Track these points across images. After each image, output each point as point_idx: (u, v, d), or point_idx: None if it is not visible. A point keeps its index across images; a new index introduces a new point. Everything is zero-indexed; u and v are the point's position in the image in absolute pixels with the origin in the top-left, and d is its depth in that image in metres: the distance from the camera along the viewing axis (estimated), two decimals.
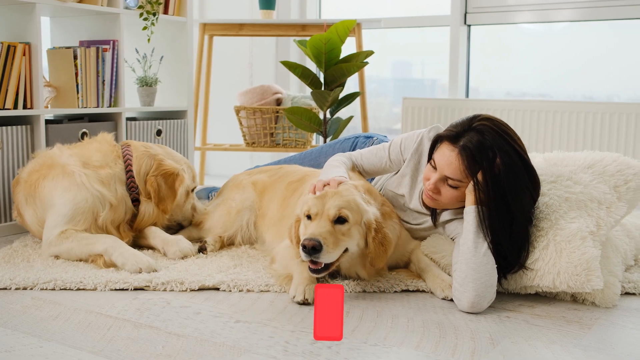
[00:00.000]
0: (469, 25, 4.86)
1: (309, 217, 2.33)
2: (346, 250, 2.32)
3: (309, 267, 2.27)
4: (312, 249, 2.20)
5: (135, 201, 2.93)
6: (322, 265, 2.25)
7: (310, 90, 4.16)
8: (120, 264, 2.53)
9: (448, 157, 2.35)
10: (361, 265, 2.42)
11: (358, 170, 2.79)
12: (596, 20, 4.43)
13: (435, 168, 2.41)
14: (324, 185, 2.41)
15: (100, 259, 2.59)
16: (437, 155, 2.41)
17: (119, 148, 2.99)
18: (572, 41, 4.68)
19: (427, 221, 2.64)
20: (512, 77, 5.00)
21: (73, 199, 2.76)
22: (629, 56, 4.49)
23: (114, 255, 2.55)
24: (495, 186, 2.25)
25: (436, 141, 2.44)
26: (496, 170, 2.26)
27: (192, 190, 3.10)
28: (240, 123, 4.61)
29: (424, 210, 2.63)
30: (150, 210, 2.92)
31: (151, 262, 2.53)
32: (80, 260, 2.66)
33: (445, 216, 2.58)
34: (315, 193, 2.37)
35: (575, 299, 2.32)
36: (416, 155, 2.64)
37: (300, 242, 2.25)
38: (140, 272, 2.47)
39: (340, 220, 2.29)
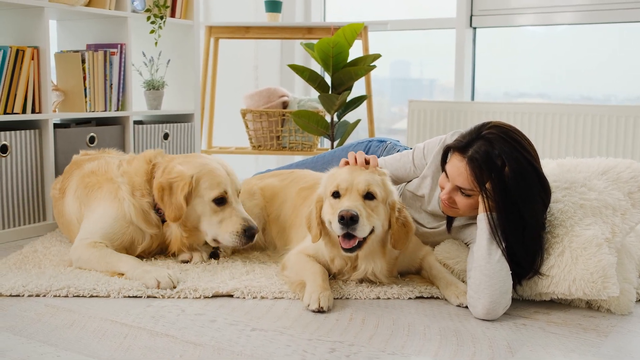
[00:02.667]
0: (475, 28, 4.85)
1: (335, 195, 2.38)
2: (372, 231, 2.35)
3: (342, 246, 2.32)
4: (350, 219, 2.25)
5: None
6: (356, 243, 2.31)
7: (316, 93, 4.15)
8: (141, 279, 2.46)
9: (458, 168, 2.36)
10: (381, 254, 2.44)
11: None
12: (597, 23, 4.44)
13: (448, 178, 2.42)
14: (354, 158, 2.51)
15: (119, 275, 2.54)
16: (448, 166, 2.42)
17: (151, 169, 2.86)
18: (572, 43, 4.68)
19: (443, 225, 2.64)
20: (512, 78, 5.00)
21: (115, 222, 2.75)
22: (628, 58, 4.50)
23: (135, 274, 2.48)
24: (504, 194, 2.24)
25: (447, 151, 2.44)
26: (505, 179, 2.24)
27: (217, 200, 2.71)
28: (247, 126, 4.60)
29: (441, 213, 2.62)
30: (173, 232, 2.79)
31: (173, 277, 2.43)
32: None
33: (459, 221, 2.58)
34: (347, 164, 2.49)
35: (590, 306, 2.31)
36: (438, 157, 2.65)
37: (338, 214, 2.28)
38: (158, 287, 2.39)
39: (369, 196, 2.36)
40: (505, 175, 2.24)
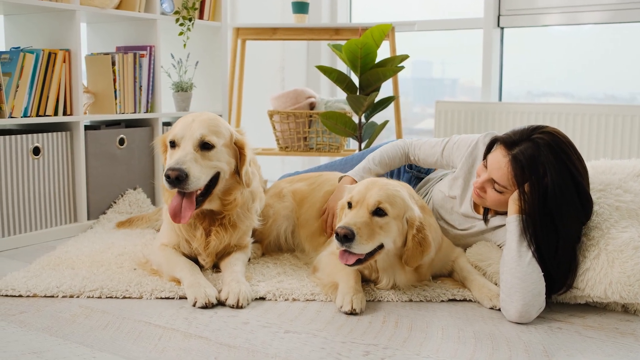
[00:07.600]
0: (502, 28, 4.81)
1: (350, 205, 2.35)
2: (382, 246, 2.30)
3: (339, 258, 2.27)
4: (344, 237, 2.20)
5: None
6: (355, 260, 2.25)
7: (343, 94, 4.13)
8: (186, 292, 2.35)
9: (499, 162, 2.35)
10: (400, 267, 2.40)
11: (412, 158, 2.85)
12: (624, 22, 4.38)
13: (486, 168, 2.42)
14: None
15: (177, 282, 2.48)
16: (490, 157, 2.42)
17: None
18: (597, 42, 4.62)
19: (474, 226, 2.62)
20: (535, 77, 4.94)
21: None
22: None
23: (184, 284, 2.40)
24: (540, 201, 2.21)
25: (494, 142, 2.43)
26: (544, 187, 2.22)
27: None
28: (274, 127, 4.60)
29: (473, 214, 2.61)
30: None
31: (209, 294, 2.29)
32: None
33: (495, 221, 2.56)
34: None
35: (626, 310, 2.28)
36: (470, 159, 2.64)
37: (334, 229, 2.25)
38: (194, 305, 2.27)
39: (378, 212, 2.29)
40: (545, 183, 2.22)
